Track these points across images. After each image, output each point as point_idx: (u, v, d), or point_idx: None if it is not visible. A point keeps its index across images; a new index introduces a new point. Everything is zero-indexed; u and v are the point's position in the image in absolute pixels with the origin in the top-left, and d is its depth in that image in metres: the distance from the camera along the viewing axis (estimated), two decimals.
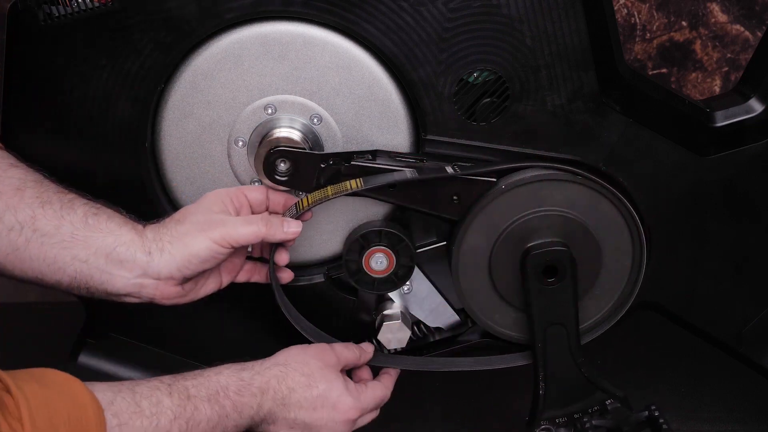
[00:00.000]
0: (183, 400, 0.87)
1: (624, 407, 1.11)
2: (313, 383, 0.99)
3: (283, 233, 0.99)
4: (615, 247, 1.08)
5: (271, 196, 1.03)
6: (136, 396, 0.84)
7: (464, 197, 1.04)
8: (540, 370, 1.10)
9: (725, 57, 1.73)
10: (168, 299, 0.99)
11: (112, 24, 0.99)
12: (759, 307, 1.15)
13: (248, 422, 0.94)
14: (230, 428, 0.91)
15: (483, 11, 0.99)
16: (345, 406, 1.00)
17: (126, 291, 0.97)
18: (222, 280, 1.04)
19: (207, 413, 0.89)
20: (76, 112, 1.03)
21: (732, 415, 1.33)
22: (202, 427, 0.88)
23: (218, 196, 1.00)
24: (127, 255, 0.95)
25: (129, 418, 0.81)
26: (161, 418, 0.84)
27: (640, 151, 1.06)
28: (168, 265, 0.95)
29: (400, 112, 1.05)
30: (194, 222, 0.97)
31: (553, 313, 1.07)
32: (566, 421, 1.11)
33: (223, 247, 0.96)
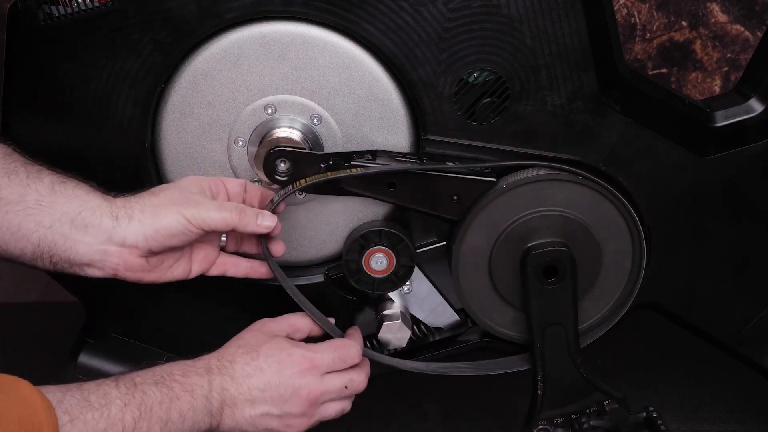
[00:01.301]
0: (130, 389, 0.86)
1: (622, 408, 1.11)
2: (252, 349, 0.97)
3: (255, 225, 0.98)
4: (615, 247, 1.09)
5: (249, 188, 1.02)
6: (84, 392, 0.83)
7: (464, 197, 1.04)
8: (538, 370, 1.10)
9: (725, 57, 1.74)
10: (132, 272, 0.96)
11: (112, 24, 0.99)
12: (759, 307, 1.15)
13: (205, 405, 0.91)
14: (187, 411, 0.89)
15: (483, 11, 0.99)
16: (294, 357, 0.96)
17: (89, 258, 0.94)
18: (192, 268, 1.01)
19: (157, 396, 0.87)
20: (76, 112, 1.03)
21: (732, 415, 1.33)
22: (155, 411, 0.86)
23: (197, 180, 0.99)
24: (92, 220, 0.93)
25: (79, 412, 0.80)
26: (111, 408, 0.82)
27: (640, 151, 1.06)
28: (135, 233, 0.93)
29: (400, 112, 1.05)
30: (169, 196, 0.95)
31: (553, 314, 1.07)
32: (564, 422, 1.11)
33: (194, 225, 0.94)
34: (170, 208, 0.94)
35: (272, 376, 0.95)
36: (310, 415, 0.98)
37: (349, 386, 1.00)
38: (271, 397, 0.95)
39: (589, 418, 1.11)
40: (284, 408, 0.96)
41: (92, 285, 1.12)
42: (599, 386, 1.11)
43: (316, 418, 0.99)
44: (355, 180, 1.02)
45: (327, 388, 0.98)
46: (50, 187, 0.94)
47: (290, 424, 0.97)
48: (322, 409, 0.99)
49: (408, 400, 1.38)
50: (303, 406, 0.97)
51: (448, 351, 1.18)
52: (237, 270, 1.05)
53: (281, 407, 0.96)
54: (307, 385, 0.96)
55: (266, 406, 0.95)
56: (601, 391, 1.11)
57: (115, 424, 0.82)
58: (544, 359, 1.09)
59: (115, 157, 1.05)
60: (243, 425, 0.95)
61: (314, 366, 0.97)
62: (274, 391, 0.95)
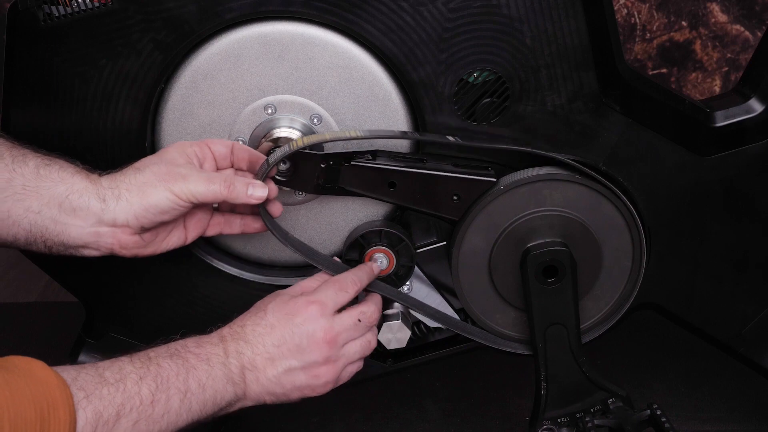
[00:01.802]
0: (145, 363, 0.85)
1: (626, 406, 1.11)
2: (259, 310, 0.96)
3: (246, 197, 0.96)
4: (615, 247, 1.09)
5: (236, 151, 1.01)
6: (98, 369, 0.82)
7: (464, 196, 1.04)
8: (541, 370, 1.10)
9: (725, 57, 1.74)
10: (127, 249, 0.95)
11: (112, 24, 0.99)
12: (759, 307, 1.15)
13: (225, 372, 0.90)
14: (206, 380, 0.88)
15: (483, 11, 0.99)
16: (299, 304, 0.95)
17: (83, 241, 0.93)
18: (187, 235, 1.00)
19: (173, 368, 0.86)
20: (76, 113, 1.03)
21: (732, 415, 1.33)
22: (172, 382, 0.85)
23: (182, 147, 0.98)
24: (80, 203, 0.92)
25: (95, 388, 0.80)
26: (127, 382, 0.82)
27: (640, 151, 1.06)
28: (124, 212, 0.92)
29: (400, 112, 1.05)
30: (155, 172, 0.94)
31: (554, 314, 1.07)
32: (568, 421, 1.11)
33: (183, 200, 0.93)
34: (157, 185, 0.93)
35: (284, 329, 0.94)
36: (335, 360, 0.96)
37: (362, 319, 0.98)
38: (289, 350, 0.93)
39: (593, 416, 1.11)
40: (305, 358, 0.94)
41: (92, 285, 1.12)
42: (603, 385, 1.11)
43: (342, 361, 0.97)
44: (354, 175, 1.02)
45: (341, 325, 0.96)
46: (35, 171, 0.93)
47: (317, 374, 0.95)
48: (345, 350, 0.97)
49: (408, 400, 1.38)
50: (323, 350, 0.94)
51: (448, 351, 1.18)
52: (231, 228, 1.03)
53: (302, 357, 0.94)
54: (321, 327, 0.94)
55: (287, 361, 0.93)
56: (605, 389, 1.11)
57: (132, 397, 0.82)
58: (546, 359, 1.09)
59: (115, 157, 1.05)
60: (270, 387, 0.93)
61: (321, 306, 0.95)
62: (289, 343, 0.93)
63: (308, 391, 0.96)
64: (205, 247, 1.13)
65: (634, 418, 1.09)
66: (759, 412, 1.33)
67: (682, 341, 1.36)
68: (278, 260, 1.15)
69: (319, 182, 1.03)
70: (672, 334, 1.27)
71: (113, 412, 0.79)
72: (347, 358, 0.97)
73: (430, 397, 1.39)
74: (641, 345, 1.48)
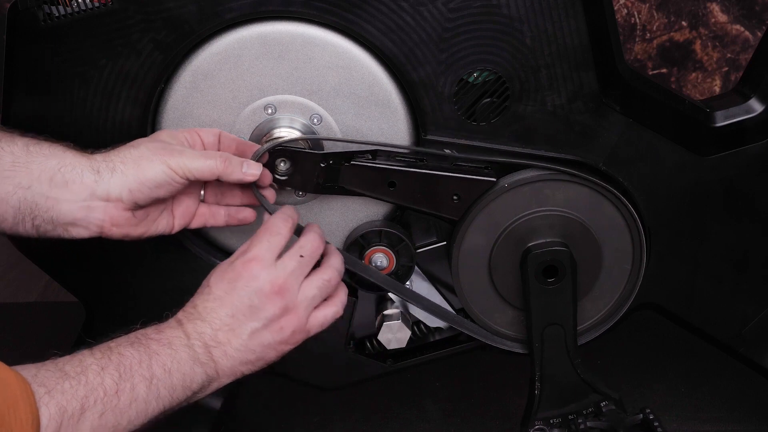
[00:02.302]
0: (105, 353, 0.83)
1: (619, 409, 1.11)
2: (203, 286, 0.93)
3: (241, 173, 0.95)
4: (615, 248, 1.09)
5: (223, 140, 1.00)
6: (58, 364, 0.81)
7: (464, 196, 1.04)
8: (536, 370, 1.10)
9: (725, 57, 1.74)
10: (118, 227, 0.93)
11: (112, 24, 0.99)
12: (759, 307, 1.15)
13: (189, 354, 0.87)
14: (170, 364, 0.86)
15: (483, 11, 0.99)
16: (237, 266, 0.92)
17: (72, 217, 0.91)
18: (174, 222, 0.99)
19: (135, 356, 0.84)
20: (76, 113, 1.03)
21: (732, 415, 1.33)
22: (136, 370, 0.83)
23: (173, 133, 0.97)
24: (72, 175, 0.90)
25: (56, 383, 0.78)
26: (88, 374, 0.80)
27: (640, 151, 1.06)
28: (119, 185, 0.91)
29: (400, 112, 1.05)
30: (150, 147, 0.93)
31: (552, 314, 1.07)
32: (560, 422, 1.11)
33: (179, 175, 0.92)
34: (153, 158, 0.92)
35: (232, 296, 0.91)
36: (293, 307, 0.92)
37: (304, 254, 0.94)
38: (244, 315, 0.91)
39: (585, 418, 1.11)
40: (263, 315, 0.91)
41: (92, 285, 1.12)
42: (596, 387, 1.11)
43: (303, 306, 0.93)
44: (354, 175, 1.02)
45: (285, 270, 0.92)
46: (24, 148, 0.91)
47: (281, 326, 0.92)
48: (302, 294, 0.93)
49: (408, 400, 1.38)
50: (276, 301, 0.91)
51: (448, 351, 1.18)
52: (216, 219, 1.02)
53: (260, 316, 0.91)
54: (265, 280, 0.91)
55: (247, 325, 0.91)
56: (598, 392, 1.11)
57: (95, 389, 0.80)
58: (542, 359, 1.09)
59: None
60: (241, 357, 0.91)
61: (258, 261, 0.92)
62: (242, 307, 0.91)
63: (281, 346, 0.93)
64: (206, 246, 1.13)
65: (626, 421, 1.09)
66: (759, 412, 1.33)
67: (682, 341, 1.36)
68: None
69: (319, 181, 1.03)
70: (672, 334, 1.27)
71: (77, 406, 0.77)
72: (307, 302, 0.93)
73: (430, 397, 1.39)
74: (641, 345, 1.48)
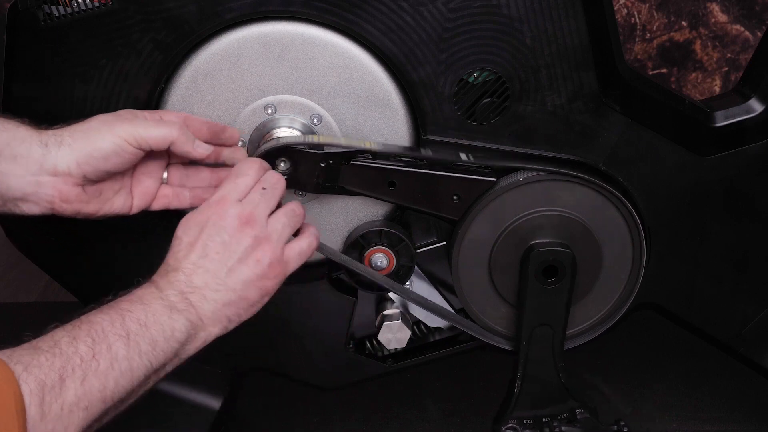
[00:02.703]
0: (75, 324, 0.81)
1: (593, 418, 1.11)
2: (175, 240, 0.90)
3: (192, 148, 0.93)
4: (615, 248, 1.09)
5: (190, 122, 0.97)
6: (32, 343, 0.79)
7: (464, 196, 1.04)
8: (519, 368, 1.10)
9: (725, 57, 1.74)
10: (68, 203, 0.91)
11: (112, 24, 0.99)
12: (759, 307, 1.15)
13: (164, 305, 0.84)
14: (146, 318, 0.82)
15: (483, 11, 0.99)
16: (204, 211, 0.90)
17: (21, 192, 0.89)
18: (133, 202, 0.96)
19: (106, 319, 0.81)
20: (76, 113, 1.03)
21: (732, 415, 1.33)
22: (109, 330, 0.80)
23: (134, 111, 0.95)
24: (21, 150, 0.88)
25: (31, 359, 0.76)
26: (61, 345, 0.77)
27: (640, 151, 1.06)
28: (66, 159, 0.89)
29: (400, 112, 1.05)
30: (101, 120, 0.91)
31: (545, 314, 1.07)
32: (534, 424, 1.11)
33: (129, 144, 0.89)
34: (102, 129, 0.90)
35: (201, 238, 0.89)
36: (266, 237, 0.90)
37: (266, 186, 0.93)
38: (218, 252, 0.88)
39: (560, 423, 1.11)
40: (236, 249, 0.88)
41: (92, 285, 1.12)
42: (575, 394, 1.11)
43: (275, 237, 0.91)
44: (354, 175, 1.02)
45: (251, 203, 0.91)
46: None
47: (258, 258, 0.89)
48: (271, 226, 0.91)
49: (408, 400, 1.38)
50: (247, 231, 0.89)
51: (448, 351, 1.18)
52: (180, 201, 0.99)
53: (233, 251, 0.88)
54: (233, 215, 0.89)
55: (222, 263, 0.88)
56: (576, 399, 1.12)
57: (70, 357, 0.77)
58: (527, 359, 1.09)
59: None
60: (222, 297, 0.88)
61: (223, 200, 0.91)
62: (214, 246, 0.88)
63: (262, 281, 0.90)
64: None
65: (599, 430, 1.10)
66: (759, 412, 1.33)
67: (682, 341, 1.36)
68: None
69: (319, 181, 1.03)
70: (672, 334, 1.27)
71: (56, 377, 0.75)
72: (278, 232, 0.91)
73: (430, 397, 1.39)
74: (641, 345, 1.48)
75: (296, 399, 1.37)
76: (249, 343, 1.15)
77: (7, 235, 1.08)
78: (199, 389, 1.16)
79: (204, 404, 1.17)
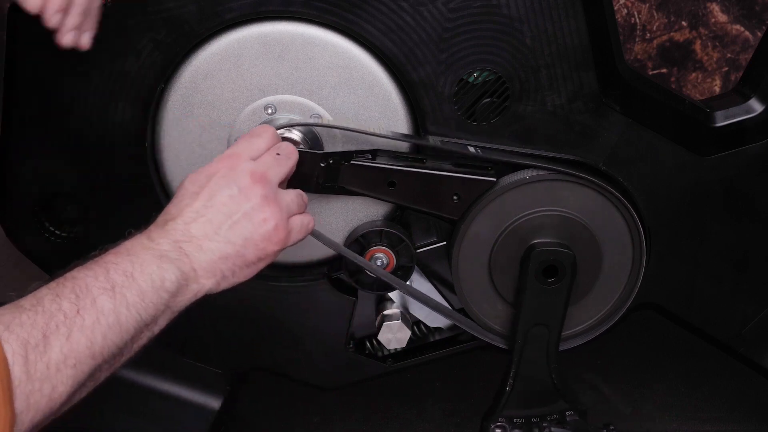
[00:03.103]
0: (59, 282, 0.78)
1: (582, 420, 1.11)
2: (180, 189, 0.88)
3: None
4: (615, 248, 1.08)
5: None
6: (16, 303, 0.76)
7: (464, 196, 1.04)
8: (512, 367, 1.10)
9: (725, 57, 1.74)
10: None
11: (112, 24, 0.99)
12: (759, 307, 1.15)
13: (153, 253, 0.81)
14: (132, 269, 0.79)
15: (483, 11, 0.99)
16: (215, 164, 0.89)
17: None
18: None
19: (89, 274, 0.78)
20: (76, 112, 1.03)
21: (732, 415, 1.33)
22: (92, 285, 0.77)
23: None
24: None
25: (12, 318, 0.73)
26: (44, 303, 0.74)
27: (640, 151, 1.06)
28: None
29: (400, 112, 1.05)
30: None
31: (542, 314, 1.07)
32: (523, 423, 1.11)
33: None
34: None
35: (209, 189, 0.86)
36: (274, 198, 0.88)
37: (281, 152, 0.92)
38: (223, 203, 0.86)
39: (549, 424, 1.11)
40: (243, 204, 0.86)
41: None
42: (566, 396, 1.11)
43: (285, 202, 0.89)
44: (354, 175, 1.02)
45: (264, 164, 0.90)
46: None
47: (264, 217, 0.86)
48: (281, 195, 0.89)
49: (408, 400, 1.38)
50: (257, 189, 0.87)
51: (448, 351, 1.18)
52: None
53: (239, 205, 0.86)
54: (245, 170, 0.88)
55: (226, 215, 0.85)
56: (567, 400, 1.12)
57: (54, 314, 0.74)
58: (521, 358, 1.09)
59: (116, 156, 1.05)
60: (219, 250, 0.84)
61: (235, 156, 0.89)
62: (220, 197, 0.86)
63: (263, 243, 0.87)
64: None
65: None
66: (759, 412, 1.33)
67: (682, 341, 1.36)
68: (278, 260, 1.14)
69: (319, 181, 1.03)
70: (672, 334, 1.27)
71: (39, 335, 0.73)
72: (287, 202, 0.90)
73: (430, 397, 1.39)
74: (641, 345, 1.48)
75: (296, 399, 1.37)
76: (249, 343, 1.15)
77: (7, 235, 1.08)
78: (199, 389, 1.16)
79: (204, 404, 1.17)
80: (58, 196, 1.05)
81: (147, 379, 1.15)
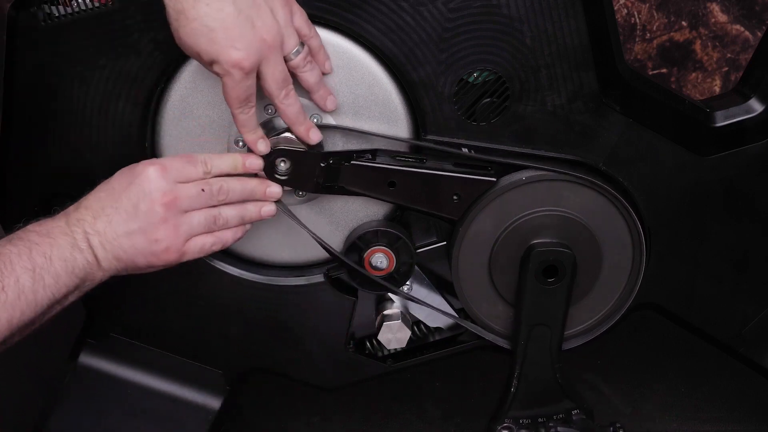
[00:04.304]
0: None
1: (589, 420, 1.11)
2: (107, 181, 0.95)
3: None
4: (615, 248, 1.09)
5: None
6: None
7: (464, 196, 1.04)
8: (516, 368, 1.10)
9: (725, 57, 1.74)
10: None
11: (112, 24, 0.99)
12: (759, 307, 1.15)
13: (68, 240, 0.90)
14: (51, 251, 0.88)
15: (483, 11, 0.99)
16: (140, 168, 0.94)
17: None
18: None
19: (14, 251, 0.87)
20: (76, 113, 1.03)
21: (732, 415, 1.33)
22: (16, 263, 0.86)
23: None
24: None
25: None
26: None
27: (640, 151, 1.06)
28: None
29: (400, 112, 1.05)
30: None
31: (543, 314, 1.07)
32: (530, 423, 1.11)
33: None
34: None
35: (124, 191, 0.93)
36: (174, 224, 0.94)
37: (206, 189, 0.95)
38: (127, 211, 0.92)
39: (555, 424, 1.11)
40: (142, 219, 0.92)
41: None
42: (571, 395, 1.11)
43: (184, 228, 0.94)
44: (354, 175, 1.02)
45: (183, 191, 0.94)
46: None
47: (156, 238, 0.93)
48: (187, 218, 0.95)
49: (408, 400, 1.38)
50: (159, 211, 0.93)
51: (448, 351, 1.18)
52: None
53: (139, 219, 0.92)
54: (158, 188, 0.93)
55: (125, 223, 0.92)
56: (572, 399, 1.11)
57: None
58: (524, 358, 1.09)
59: (115, 157, 1.05)
60: (113, 251, 0.92)
61: (161, 169, 0.94)
62: (128, 203, 0.92)
63: (151, 258, 0.94)
64: None
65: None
66: (759, 412, 1.33)
67: (682, 341, 1.36)
68: (278, 260, 1.14)
69: (320, 181, 1.03)
70: (672, 334, 1.27)
71: None
72: (190, 227, 0.95)
73: (430, 397, 1.39)
74: (641, 345, 1.48)
75: (296, 399, 1.37)
76: (249, 343, 1.15)
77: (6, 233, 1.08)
78: (199, 389, 1.16)
79: (204, 404, 1.17)
80: (58, 196, 1.05)
81: (147, 379, 1.15)
